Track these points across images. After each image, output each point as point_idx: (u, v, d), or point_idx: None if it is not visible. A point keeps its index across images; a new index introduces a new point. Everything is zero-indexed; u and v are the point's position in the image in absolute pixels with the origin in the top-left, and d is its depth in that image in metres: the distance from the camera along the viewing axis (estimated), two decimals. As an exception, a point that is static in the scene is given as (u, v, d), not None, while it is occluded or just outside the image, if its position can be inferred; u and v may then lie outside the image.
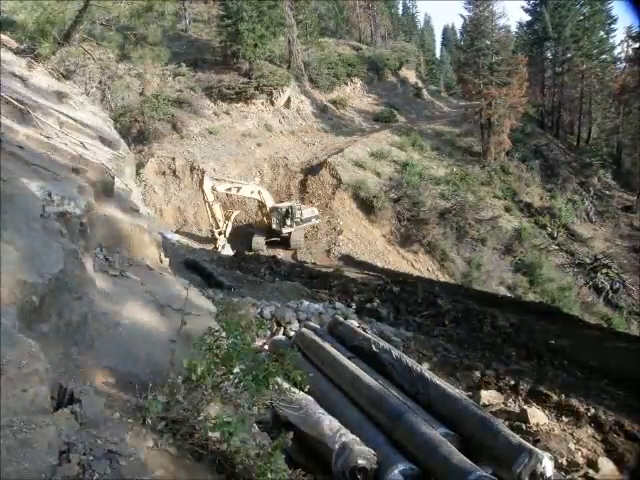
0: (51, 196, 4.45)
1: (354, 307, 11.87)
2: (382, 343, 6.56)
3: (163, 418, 2.98)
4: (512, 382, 7.46)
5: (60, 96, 8.41)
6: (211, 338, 3.24)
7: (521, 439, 4.57)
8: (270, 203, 27.58)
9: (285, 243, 27.63)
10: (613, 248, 33.94)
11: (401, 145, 38.43)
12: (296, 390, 4.22)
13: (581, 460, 5.24)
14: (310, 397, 4.80)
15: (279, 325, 8.87)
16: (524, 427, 5.77)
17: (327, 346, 6.45)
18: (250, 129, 37.35)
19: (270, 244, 27.81)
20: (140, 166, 28.98)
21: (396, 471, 4.03)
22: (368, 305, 13.52)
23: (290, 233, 27.25)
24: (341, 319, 8.94)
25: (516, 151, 40.25)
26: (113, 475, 2.24)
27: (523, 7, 47.80)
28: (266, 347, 7.68)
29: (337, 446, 4.13)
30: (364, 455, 4.11)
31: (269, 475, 2.84)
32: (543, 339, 12.08)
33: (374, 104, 48.38)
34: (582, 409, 6.28)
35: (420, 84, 57.47)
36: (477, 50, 40.17)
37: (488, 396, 6.70)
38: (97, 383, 3.25)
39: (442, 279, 27.70)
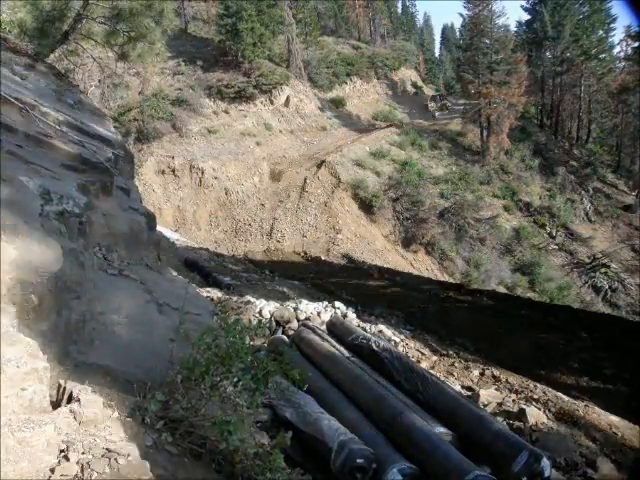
0: (50, 195, 4.45)
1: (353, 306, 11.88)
2: (382, 342, 6.56)
3: (162, 417, 2.98)
4: (511, 381, 7.48)
5: (59, 95, 8.40)
6: (210, 337, 3.25)
7: (520, 438, 4.57)
8: None
9: None
10: (612, 247, 33.97)
11: (400, 144, 38.44)
12: (295, 389, 4.23)
13: (580, 460, 5.24)
14: (309, 396, 4.80)
15: (278, 324, 8.87)
16: (523, 427, 5.77)
17: (326, 345, 6.45)
18: (249, 128, 37.35)
19: None
20: (139, 165, 28.98)
21: (395, 470, 4.02)
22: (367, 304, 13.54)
23: None
24: (340, 318, 8.94)
25: (515, 150, 40.26)
26: (112, 474, 2.24)
27: (522, 6, 47.82)
28: (265, 346, 7.68)
29: (336, 445, 4.13)
30: (363, 454, 4.11)
31: (268, 474, 2.84)
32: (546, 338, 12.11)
33: (373, 103, 48.38)
34: (580, 410, 6.30)
35: (419, 83, 57.48)
36: (476, 49, 40.14)
37: (487, 395, 6.70)
38: (96, 382, 3.25)
39: (441, 278, 27.73)
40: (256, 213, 30.39)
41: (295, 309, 9.43)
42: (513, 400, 6.55)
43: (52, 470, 2.16)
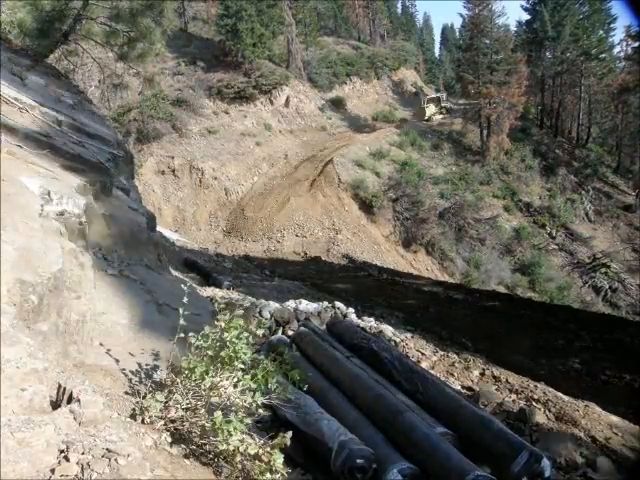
0: (50, 195, 4.45)
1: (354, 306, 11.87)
2: (382, 342, 6.55)
3: (162, 417, 2.98)
4: (511, 381, 7.48)
5: (59, 95, 8.40)
6: (210, 338, 3.25)
7: (520, 439, 4.57)
8: None
9: None
10: (612, 248, 33.98)
11: (400, 144, 38.45)
12: (295, 389, 4.22)
13: (580, 460, 5.24)
14: (309, 396, 4.80)
15: (278, 325, 8.85)
16: (523, 427, 5.77)
17: (326, 345, 6.44)
18: (249, 128, 37.36)
19: None
20: (139, 165, 28.99)
21: (395, 470, 4.01)
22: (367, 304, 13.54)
23: None
24: (340, 318, 8.93)
25: (515, 150, 40.26)
26: (112, 474, 2.24)
27: (522, 6, 47.84)
28: (265, 346, 7.66)
29: (336, 445, 4.12)
30: (363, 454, 4.10)
31: (268, 475, 2.84)
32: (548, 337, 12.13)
33: (373, 103, 48.39)
34: (580, 410, 6.29)
35: (419, 83, 57.50)
36: (476, 49, 40.17)
37: (487, 395, 6.70)
38: (96, 382, 3.25)
39: (441, 279, 27.73)
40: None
41: (295, 309, 9.41)
42: (513, 400, 6.54)
43: (52, 470, 2.16)
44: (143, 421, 2.93)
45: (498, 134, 39.15)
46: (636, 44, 44.11)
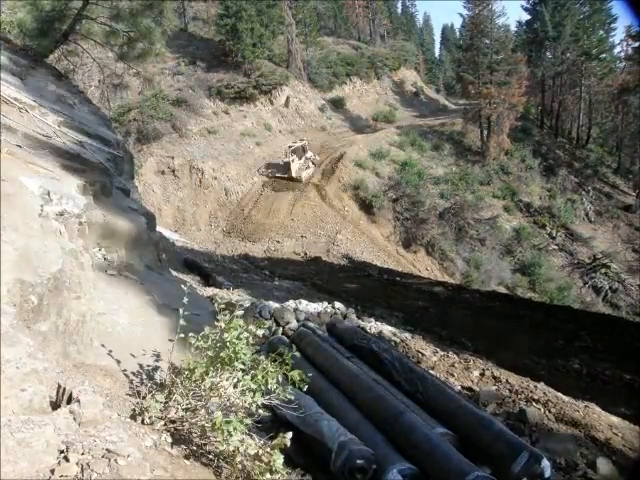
0: (50, 195, 4.44)
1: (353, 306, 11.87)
2: (381, 342, 6.55)
3: (162, 418, 2.98)
4: (511, 381, 7.47)
5: (59, 95, 8.39)
6: (210, 338, 3.25)
7: (520, 439, 4.57)
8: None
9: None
10: (612, 248, 33.97)
11: (400, 144, 38.42)
12: (295, 390, 4.22)
13: (580, 460, 5.24)
14: (309, 397, 4.79)
15: (278, 325, 8.85)
16: (523, 427, 5.77)
17: (326, 345, 6.44)
18: (249, 128, 37.36)
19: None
20: (139, 165, 28.98)
21: (395, 470, 4.01)
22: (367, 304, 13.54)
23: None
24: (340, 319, 8.93)
25: (516, 151, 40.25)
26: (112, 475, 2.24)
27: (522, 6, 47.79)
28: (265, 347, 7.66)
29: (336, 446, 4.12)
30: (363, 455, 4.10)
31: (268, 475, 2.84)
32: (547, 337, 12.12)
33: (373, 103, 48.39)
34: (581, 411, 6.29)
35: (419, 83, 57.50)
36: (476, 49, 40.16)
37: (487, 395, 6.69)
38: (96, 382, 3.25)
39: (441, 279, 27.71)
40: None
41: (295, 309, 9.41)
42: (513, 400, 6.54)
43: (52, 471, 2.15)
44: (143, 421, 2.92)
45: (498, 134, 39.14)
46: (636, 44, 44.12)
